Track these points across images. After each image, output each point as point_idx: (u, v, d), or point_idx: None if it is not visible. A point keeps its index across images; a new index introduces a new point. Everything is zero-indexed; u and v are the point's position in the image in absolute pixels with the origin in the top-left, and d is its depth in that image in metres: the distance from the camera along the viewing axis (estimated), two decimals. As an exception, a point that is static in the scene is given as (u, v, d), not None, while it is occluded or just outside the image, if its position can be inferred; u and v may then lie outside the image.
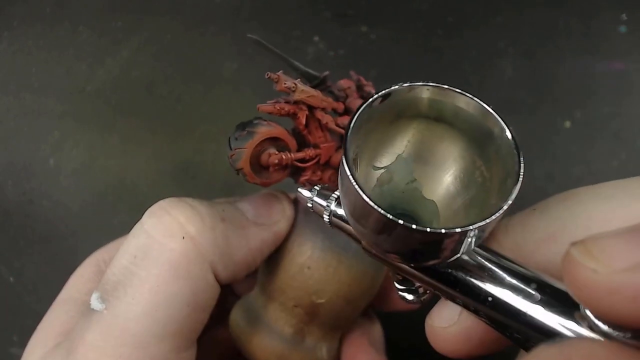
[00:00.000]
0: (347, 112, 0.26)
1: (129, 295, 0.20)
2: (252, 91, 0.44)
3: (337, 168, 0.25)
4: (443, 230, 0.14)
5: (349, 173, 0.15)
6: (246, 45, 0.45)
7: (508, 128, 0.16)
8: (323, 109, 0.24)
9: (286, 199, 0.26)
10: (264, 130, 0.22)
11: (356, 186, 0.15)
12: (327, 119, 0.24)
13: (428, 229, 0.14)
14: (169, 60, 0.46)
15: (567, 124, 0.40)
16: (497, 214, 0.15)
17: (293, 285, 0.25)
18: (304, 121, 0.23)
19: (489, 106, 0.17)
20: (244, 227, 0.23)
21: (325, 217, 0.21)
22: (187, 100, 0.45)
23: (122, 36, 0.46)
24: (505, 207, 0.15)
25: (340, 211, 0.20)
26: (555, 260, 0.16)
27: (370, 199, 0.15)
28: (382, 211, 0.14)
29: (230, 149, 0.22)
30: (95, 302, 0.20)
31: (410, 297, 0.20)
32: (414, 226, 0.14)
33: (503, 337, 0.17)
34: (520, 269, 0.16)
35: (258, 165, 0.23)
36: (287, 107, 0.22)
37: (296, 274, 0.25)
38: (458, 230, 0.14)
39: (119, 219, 0.43)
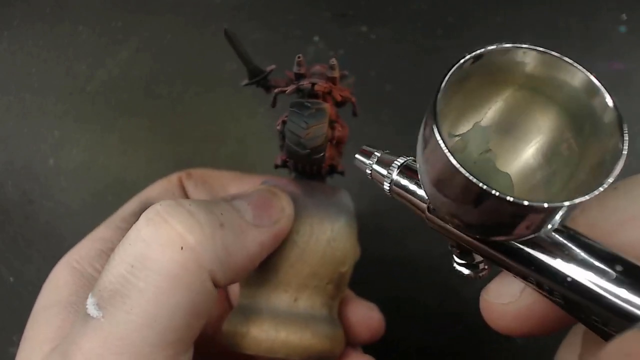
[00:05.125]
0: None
1: (127, 305, 0.19)
2: (251, 91, 0.44)
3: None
4: (545, 205, 0.13)
5: (438, 137, 0.14)
6: (246, 46, 0.45)
7: (614, 102, 0.15)
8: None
9: (284, 196, 0.25)
10: (328, 106, 0.23)
11: (446, 151, 0.14)
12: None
13: (526, 202, 0.13)
14: (169, 60, 0.46)
15: (567, 124, 0.40)
16: (601, 188, 0.13)
17: (325, 264, 0.25)
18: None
19: (596, 78, 0.15)
20: (243, 231, 0.23)
21: (386, 186, 0.20)
22: (187, 100, 0.45)
23: (122, 36, 0.46)
24: (610, 180, 0.14)
25: (404, 181, 0.19)
26: (638, 242, 0.15)
27: (462, 167, 0.13)
28: (475, 180, 0.13)
29: (304, 127, 0.22)
30: (91, 308, 0.20)
31: (467, 271, 0.19)
32: (510, 198, 0.13)
33: (564, 318, 0.16)
34: (602, 248, 0.15)
35: None
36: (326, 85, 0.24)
37: (326, 251, 0.25)
38: (563, 204, 0.13)
39: (119, 219, 0.43)
